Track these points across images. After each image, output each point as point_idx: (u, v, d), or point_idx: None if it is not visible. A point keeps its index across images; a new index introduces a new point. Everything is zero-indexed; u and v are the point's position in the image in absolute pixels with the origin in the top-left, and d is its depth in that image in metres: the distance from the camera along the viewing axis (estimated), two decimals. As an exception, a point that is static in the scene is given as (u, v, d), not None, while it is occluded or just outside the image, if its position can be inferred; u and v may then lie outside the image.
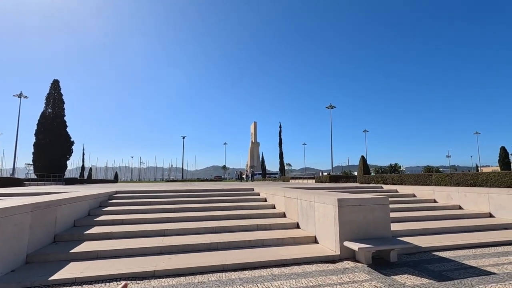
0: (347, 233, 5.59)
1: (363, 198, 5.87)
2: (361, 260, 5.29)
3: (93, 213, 8.17)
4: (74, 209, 7.19)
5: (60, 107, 33.75)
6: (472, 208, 9.72)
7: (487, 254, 5.77)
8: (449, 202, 10.58)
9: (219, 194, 11.18)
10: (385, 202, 5.90)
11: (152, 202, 9.51)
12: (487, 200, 9.31)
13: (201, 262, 5.05)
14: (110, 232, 6.45)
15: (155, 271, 4.66)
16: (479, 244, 6.42)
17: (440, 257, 5.60)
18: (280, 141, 63.61)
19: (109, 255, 5.39)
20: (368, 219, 5.73)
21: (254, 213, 8.44)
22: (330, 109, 52.30)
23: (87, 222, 7.27)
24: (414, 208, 10.04)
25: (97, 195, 9.09)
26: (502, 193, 8.91)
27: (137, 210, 8.48)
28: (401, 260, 5.40)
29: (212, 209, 8.87)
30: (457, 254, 5.74)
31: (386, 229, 5.82)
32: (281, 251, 5.72)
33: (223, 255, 5.46)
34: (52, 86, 33.94)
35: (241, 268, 4.96)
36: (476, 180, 10.81)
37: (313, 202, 6.73)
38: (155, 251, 5.62)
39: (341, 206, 5.64)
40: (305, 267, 5.05)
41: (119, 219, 7.49)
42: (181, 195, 10.68)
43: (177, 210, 8.60)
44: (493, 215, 9.06)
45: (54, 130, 32.23)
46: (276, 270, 4.91)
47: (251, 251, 5.73)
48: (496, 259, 5.39)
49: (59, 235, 6.19)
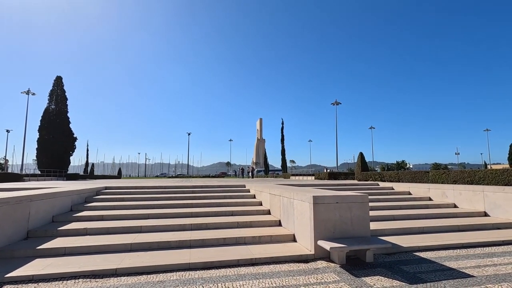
0: (322, 231, 5.36)
1: (341, 196, 5.62)
2: (335, 260, 5.07)
3: (75, 208, 8.12)
4: (52, 205, 7.13)
5: (63, 104, 34.06)
6: (467, 207, 9.36)
7: (472, 255, 5.48)
8: (444, 200, 10.23)
9: (209, 191, 11.04)
10: (364, 200, 5.64)
11: (138, 198, 9.43)
12: (482, 199, 8.94)
13: (167, 260, 4.90)
14: (84, 229, 6.36)
15: (117, 269, 4.53)
16: (466, 245, 6.12)
17: (421, 257, 5.34)
18: (282, 137, 63.09)
19: (76, 252, 5.29)
20: (346, 217, 5.49)
21: (237, 210, 8.27)
22: (335, 105, 51.55)
23: (66, 218, 7.21)
24: (407, 206, 9.73)
25: (82, 190, 9.05)
26: (497, 191, 8.53)
27: (119, 206, 8.40)
28: (378, 261, 5.16)
29: (196, 206, 8.73)
30: (439, 255, 5.46)
31: (365, 228, 5.57)
32: (254, 250, 5.53)
33: (193, 253, 5.31)
34: (55, 83, 34.25)
35: (207, 267, 4.79)
36: (473, 178, 10.41)
37: (292, 199, 6.51)
38: (125, 248, 5.50)
39: (316, 203, 5.41)
40: (275, 267, 4.86)
41: (98, 215, 7.41)
42: (169, 191, 10.56)
43: (159, 207, 8.48)
44: (488, 214, 8.70)
45: (57, 126, 32.57)
46: (244, 269, 4.73)
47: (224, 249, 5.56)
48: (479, 261, 5.10)
49: (33, 231, 6.13)
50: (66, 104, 34.42)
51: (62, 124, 33.09)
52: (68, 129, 33.79)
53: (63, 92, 34.40)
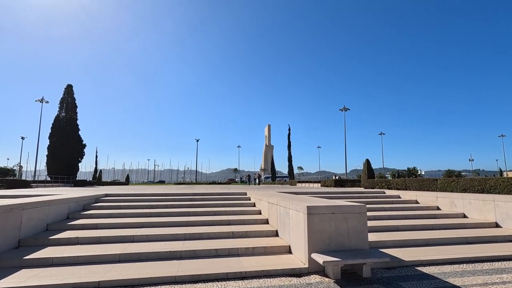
0: (317, 244, 5.09)
1: (337, 206, 5.35)
2: (329, 274, 4.79)
3: (72, 216, 8.06)
4: (46, 213, 7.08)
5: (73, 111, 34.80)
6: (477, 217, 8.88)
7: (479, 270, 5.10)
8: (453, 209, 9.75)
9: (208, 198, 10.86)
10: (362, 211, 5.35)
11: (136, 206, 9.33)
12: (493, 208, 8.47)
13: (154, 272, 4.72)
14: (76, 238, 6.26)
15: (100, 281, 4.37)
16: (474, 259, 5.72)
17: (423, 273, 4.99)
18: (289, 144, 62.52)
19: (63, 262, 5.17)
20: (342, 228, 5.21)
21: (234, 219, 8.04)
22: (344, 111, 50.98)
23: (60, 226, 7.14)
24: (413, 215, 9.30)
25: (80, 198, 9.01)
26: (509, 201, 8.06)
27: (115, 214, 8.31)
28: (376, 276, 4.85)
29: (193, 214, 8.56)
30: (443, 270, 5.10)
31: (362, 240, 5.27)
32: (246, 262, 5.30)
33: (182, 264, 5.11)
34: (66, 91, 35.09)
35: (194, 280, 4.59)
36: (483, 186, 9.91)
37: (288, 208, 6.27)
38: (114, 259, 5.35)
39: (310, 214, 5.16)
40: (265, 281, 4.62)
41: (92, 224, 7.31)
42: (168, 199, 10.43)
43: (156, 215, 8.35)
44: (499, 225, 8.21)
45: (67, 133, 33.24)
46: (232, 283, 4.51)
47: (214, 261, 5.34)
48: (487, 278, 4.73)
49: (24, 240, 6.06)
50: (76, 111, 35.16)
51: (71, 131, 33.76)
52: (77, 136, 34.43)
53: (73, 100, 35.18)
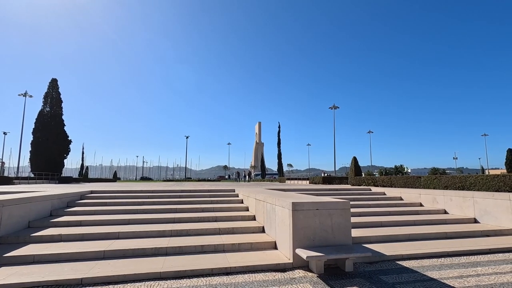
0: (302, 239, 5.18)
1: (321, 202, 5.45)
2: (313, 269, 4.88)
3: (55, 213, 7.91)
4: (28, 210, 6.92)
5: (58, 106, 33.90)
6: (457, 213, 9.20)
7: (456, 264, 5.30)
8: (435, 206, 10.06)
9: (196, 195, 10.86)
10: (346, 207, 5.47)
11: (122, 202, 9.22)
12: (472, 205, 8.78)
13: (138, 269, 4.71)
14: (59, 235, 6.16)
15: (83, 278, 4.33)
16: (452, 253, 5.93)
17: (403, 266, 5.16)
18: (278, 141, 62.91)
19: (45, 259, 5.08)
20: (326, 224, 5.31)
21: (222, 216, 8.06)
22: (333, 109, 51.45)
23: (43, 223, 6.99)
24: (397, 212, 9.55)
25: (64, 194, 8.84)
26: (487, 197, 8.37)
27: (101, 211, 8.20)
28: (358, 270, 4.97)
29: (180, 211, 8.52)
30: (422, 264, 5.28)
31: (346, 236, 5.39)
32: (232, 258, 5.34)
33: (167, 261, 5.11)
34: (50, 85, 34.12)
35: (179, 276, 4.60)
36: (464, 184, 10.25)
37: (274, 205, 6.33)
38: (98, 256, 5.29)
39: (295, 210, 5.24)
40: (250, 276, 4.67)
41: (77, 221, 7.20)
42: (156, 195, 10.36)
43: (142, 212, 8.28)
44: (478, 221, 8.53)
45: (52, 129, 32.38)
46: (217, 279, 4.54)
47: (200, 257, 5.36)
48: (463, 271, 4.93)
49: (4, 237, 5.91)
50: (61, 106, 34.27)
51: (56, 127, 32.90)
52: (62, 132, 33.59)
53: (58, 95, 34.27)
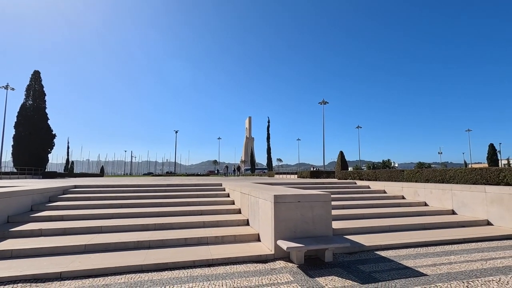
0: (283, 231, 5.27)
1: (303, 195, 5.55)
2: (293, 260, 4.99)
3: (36, 208, 7.77)
4: (7, 204, 6.77)
5: (41, 99, 32.90)
6: (437, 205, 9.52)
7: (431, 253, 5.51)
8: (416, 198, 10.37)
9: (182, 189, 10.85)
10: (327, 199, 5.59)
11: (106, 197, 9.12)
12: (450, 197, 9.10)
13: (120, 262, 4.70)
14: (39, 229, 6.07)
15: (62, 272, 4.30)
16: (428, 243, 6.16)
17: (381, 256, 5.33)
18: (268, 136, 62.99)
19: (24, 254, 5.01)
20: (307, 216, 5.42)
21: (207, 209, 8.10)
22: (323, 104, 51.84)
23: (23, 218, 6.86)
24: (380, 204, 9.80)
25: (46, 189, 8.68)
26: (464, 190, 8.69)
27: (84, 206, 8.09)
28: (338, 260, 5.11)
29: (166, 205, 8.51)
30: (399, 254, 5.47)
31: (327, 227, 5.52)
32: (215, 250, 5.39)
33: (149, 254, 5.12)
34: (33, 78, 33.02)
35: (160, 268, 4.62)
36: (444, 177, 10.58)
37: (258, 198, 6.40)
38: (79, 250, 5.25)
39: (277, 202, 5.32)
40: (231, 268, 4.74)
41: (58, 215, 7.10)
42: (141, 189, 10.29)
43: (126, 206, 8.23)
44: (455, 212, 8.86)
45: (35, 122, 31.44)
46: (198, 270, 4.59)
47: (183, 250, 5.39)
48: (437, 259, 5.13)
49: (-19, 232, 5.79)
50: (44, 99, 33.28)
51: (39, 121, 31.97)
52: (46, 126, 32.69)
53: (41, 87, 33.21)
